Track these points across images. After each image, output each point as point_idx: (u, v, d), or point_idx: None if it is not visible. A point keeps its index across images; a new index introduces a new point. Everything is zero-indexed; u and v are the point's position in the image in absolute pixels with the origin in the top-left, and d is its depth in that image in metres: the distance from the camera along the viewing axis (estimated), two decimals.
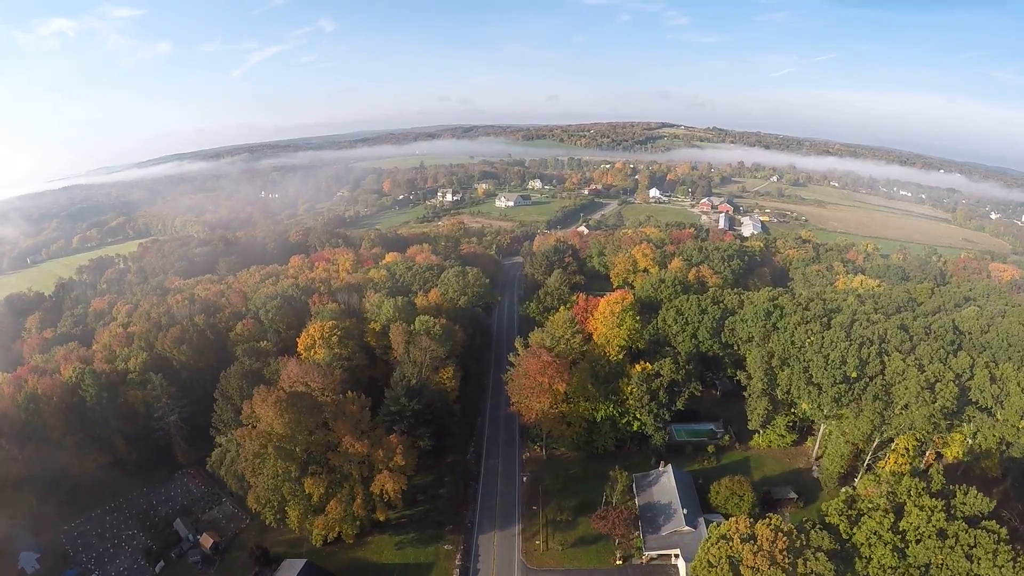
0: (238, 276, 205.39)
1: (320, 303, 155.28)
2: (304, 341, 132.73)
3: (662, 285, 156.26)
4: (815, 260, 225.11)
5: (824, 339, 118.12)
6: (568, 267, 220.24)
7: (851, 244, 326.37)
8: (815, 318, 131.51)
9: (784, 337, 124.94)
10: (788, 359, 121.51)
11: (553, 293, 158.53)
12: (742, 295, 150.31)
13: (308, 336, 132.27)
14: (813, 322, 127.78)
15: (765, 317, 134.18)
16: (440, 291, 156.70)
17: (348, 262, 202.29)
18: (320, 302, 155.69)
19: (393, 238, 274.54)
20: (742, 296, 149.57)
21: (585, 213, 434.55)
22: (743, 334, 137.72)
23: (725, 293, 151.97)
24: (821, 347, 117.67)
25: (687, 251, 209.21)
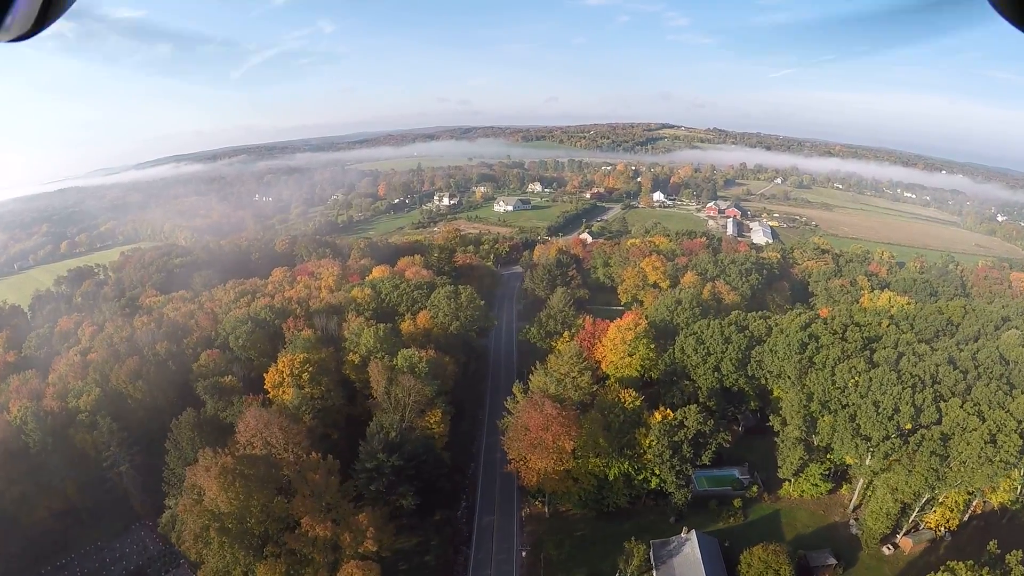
0: (213, 293, 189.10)
1: (295, 329, 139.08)
2: (271, 378, 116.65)
3: (679, 308, 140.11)
4: (837, 273, 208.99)
5: (872, 381, 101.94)
6: (572, 281, 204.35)
7: (866, 252, 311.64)
8: (856, 352, 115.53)
9: (824, 376, 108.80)
10: (829, 402, 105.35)
11: (556, 316, 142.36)
12: (769, 319, 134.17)
13: (276, 372, 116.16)
14: (855, 357, 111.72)
15: (800, 349, 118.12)
16: (430, 314, 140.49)
17: (332, 277, 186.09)
18: (295, 327, 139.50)
19: (384, 247, 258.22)
20: (769, 321, 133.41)
21: (587, 218, 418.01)
22: (773, 367, 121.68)
23: (750, 318, 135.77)
24: (868, 390, 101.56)
25: (701, 264, 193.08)
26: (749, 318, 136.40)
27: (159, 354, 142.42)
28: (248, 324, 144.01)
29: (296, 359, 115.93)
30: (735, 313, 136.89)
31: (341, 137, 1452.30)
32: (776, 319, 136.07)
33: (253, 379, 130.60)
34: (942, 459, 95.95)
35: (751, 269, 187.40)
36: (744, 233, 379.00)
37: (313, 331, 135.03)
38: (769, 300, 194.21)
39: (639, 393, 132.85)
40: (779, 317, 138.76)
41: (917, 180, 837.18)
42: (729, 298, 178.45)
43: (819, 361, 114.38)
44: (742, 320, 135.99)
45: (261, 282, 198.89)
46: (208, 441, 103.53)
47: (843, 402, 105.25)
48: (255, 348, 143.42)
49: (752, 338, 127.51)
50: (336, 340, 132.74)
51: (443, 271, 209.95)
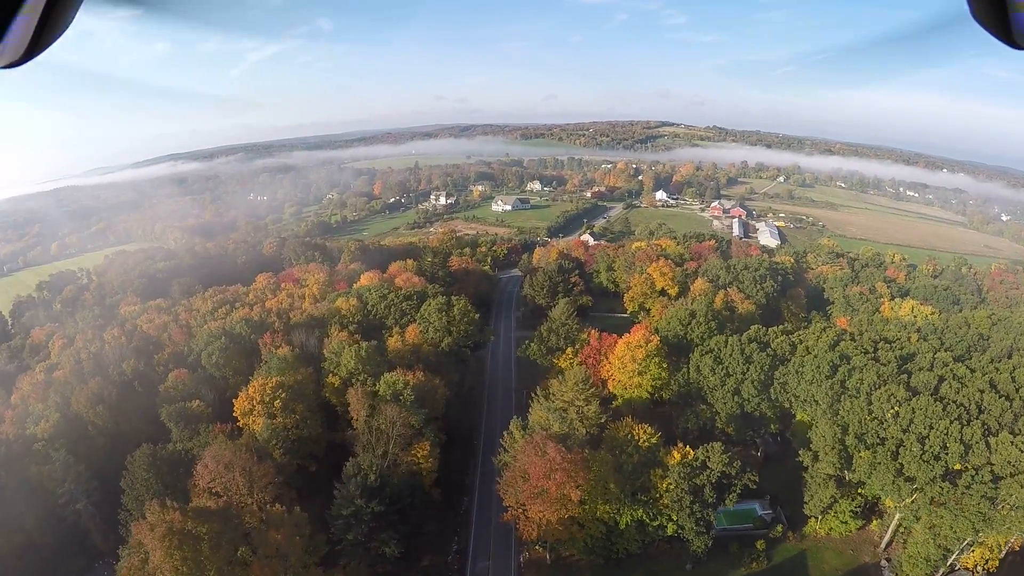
0: (191, 302, 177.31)
1: (272, 345, 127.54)
2: (241, 404, 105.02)
3: (693, 321, 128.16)
4: (854, 280, 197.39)
5: (914, 412, 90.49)
6: (574, 287, 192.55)
7: (877, 254, 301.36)
8: (892, 376, 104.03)
9: (859, 405, 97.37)
10: (865, 434, 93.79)
11: (558, 330, 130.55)
12: (793, 336, 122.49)
13: (246, 398, 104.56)
14: (892, 382, 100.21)
15: (830, 372, 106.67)
16: (419, 328, 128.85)
17: (317, 284, 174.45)
18: (272, 344, 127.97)
19: (375, 250, 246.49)
20: (793, 338, 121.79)
21: (588, 218, 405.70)
22: (799, 391, 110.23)
23: (771, 334, 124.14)
24: (911, 422, 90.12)
25: (712, 270, 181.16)
26: (770, 334, 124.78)
27: (125, 374, 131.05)
28: (222, 339, 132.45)
29: (268, 384, 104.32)
30: (755, 328, 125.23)
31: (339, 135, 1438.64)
32: (800, 335, 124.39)
33: (227, 400, 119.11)
34: (992, 502, 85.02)
35: (765, 275, 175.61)
36: (750, 234, 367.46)
37: (291, 348, 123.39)
38: (784, 308, 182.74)
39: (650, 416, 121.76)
40: (802, 332, 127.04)
41: (919, 179, 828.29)
42: (743, 307, 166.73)
43: (852, 387, 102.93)
44: (762, 336, 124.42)
45: (244, 289, 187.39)
46: (166, 482, 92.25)
47: (881, 435, 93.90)
48: (229, 366, 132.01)
49: (775, 357, 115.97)
50: (316, 358, 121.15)
51: (437, 277, 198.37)
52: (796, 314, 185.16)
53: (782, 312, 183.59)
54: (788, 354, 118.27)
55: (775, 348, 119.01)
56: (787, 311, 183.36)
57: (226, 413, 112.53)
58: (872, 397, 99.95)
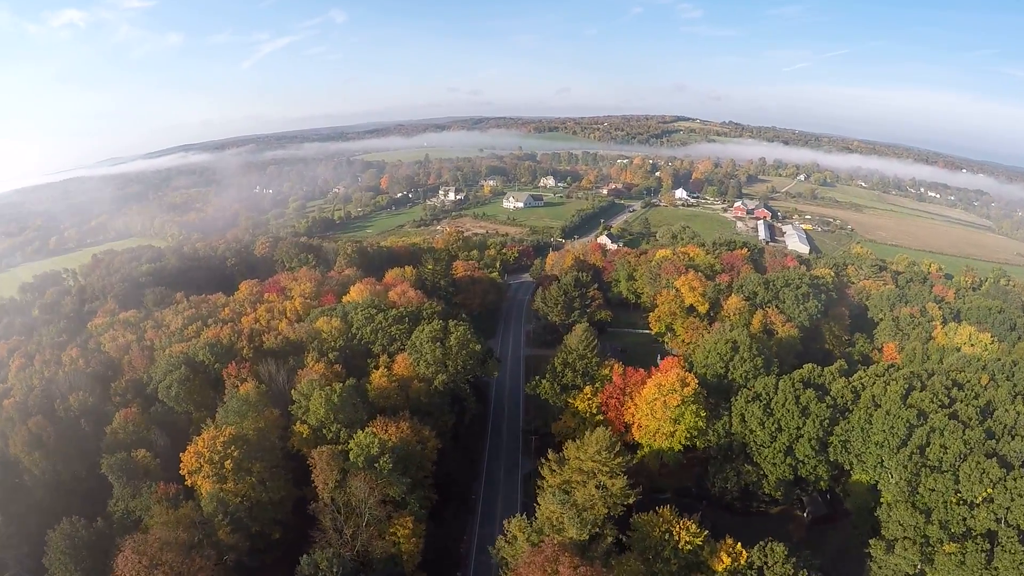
0: (163, 315, 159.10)
1: (237, 378, 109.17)
2: (189, 461, 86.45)
3: (736, 357, 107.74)
4: (901, 299, 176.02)
5: (1012, 497, 70.57)
6: (592, 302, 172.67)
7: (913, 263, 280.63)
8: (979, 443, 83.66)
9: (944, 484, 77.46)
10: (950, 522, 73.97)
11: (575, 363, 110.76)
12: (854, 381, 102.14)
13: (195, 454, 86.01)
14: (979, 451, 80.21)
15: (905, 434, 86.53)
16: (410, 359, 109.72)
17: (300, 299, 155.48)
18: (238, 376, 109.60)
19: (375, 253, 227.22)
20: (854, 382, 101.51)
21: (605, 218, 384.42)
22: (864, 451, 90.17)
23: (828, 374, 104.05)
24: (1007, 510, 70.27)
25: (748, 285, 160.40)
26: (827, 375, 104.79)
27: (72, 409, 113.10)
28: (182, 369, 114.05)
29: (220, 437, 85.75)
30: (808, 368, 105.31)
31: (351, 127, 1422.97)
32: (862, 377, 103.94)
33: (175, 455, 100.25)
34: None
35: (808, 294, 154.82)
36: (777, 237, 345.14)
37: (257, 383, 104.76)
38: (826, 330, 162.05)
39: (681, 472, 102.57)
40: (865, 374, 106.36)
41: (939, 179, 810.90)
42: (783, 330, 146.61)
43: (933, 457, 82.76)
44: (817, 376, 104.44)
45: (223, 300, 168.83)
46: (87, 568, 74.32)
47: (971, 524, 74.13)
48: (190, 400, 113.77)
49: (835, 408, 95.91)
50: (286, 396, 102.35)
51: (438, 287, 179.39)
52: (839, 336, 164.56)
53: (823, 334, 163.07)
54: (850, 403, 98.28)
55: (835, 395, 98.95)
56: (829, 333, 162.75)
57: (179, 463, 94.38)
58: (959, 473, 79.91)
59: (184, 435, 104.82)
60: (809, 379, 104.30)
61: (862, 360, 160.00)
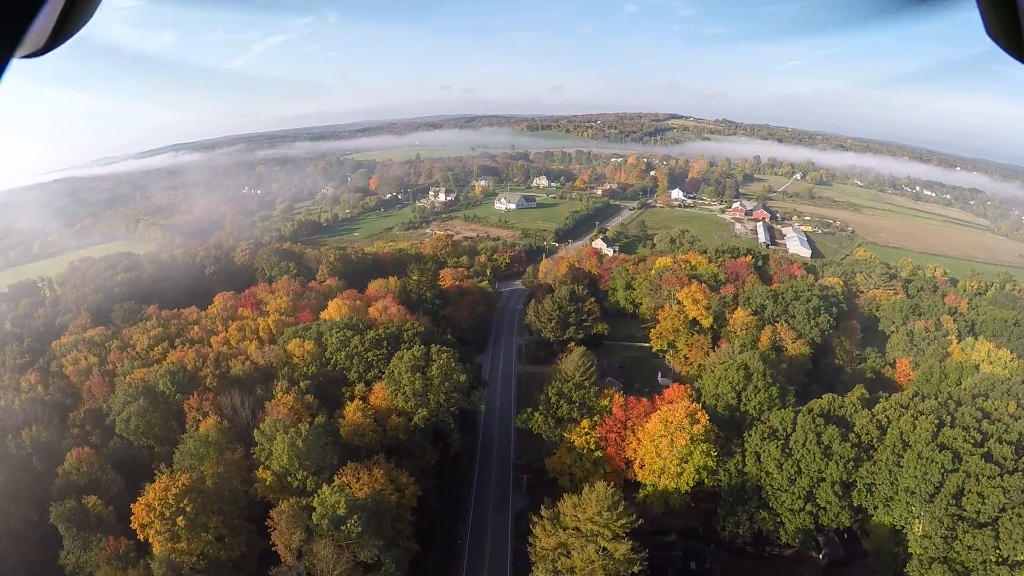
0: (131, 332, 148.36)
1: (199, 411, 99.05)
2: (140, 514, 76.44)
3: (749, 386, 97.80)
4: (914, 310, 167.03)
5: None
6: (589, 316, 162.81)
7: (918, 267, 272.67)
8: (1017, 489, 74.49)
9: (983, 541, 68.39)
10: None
11: (570, 393, 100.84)
12: (876, 416, 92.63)
13: (145, 506, 75.92)
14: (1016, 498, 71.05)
15: (940, 478, 77.13)
16: (388, 390, 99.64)
17: (278, 310, 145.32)
18: (199, 408, 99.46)
19: (359, 260, 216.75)
20: (878, 417, 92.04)
21: (600, 220, 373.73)
22: (895, 501, 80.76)
23: (849, 405, 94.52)
24: None
25: (755, 298, 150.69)
26: (848, 404, 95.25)
27: (24, 445, 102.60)
28: (141, 400, 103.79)
29: (173, 487, 75.57)
30: (828, 399, 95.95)
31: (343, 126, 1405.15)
32: (885, 407, 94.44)
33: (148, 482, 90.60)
34: None
35: (819, 308, 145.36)
36: (777, 240, 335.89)
37: (219, 418, 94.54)
38: (837, 345, 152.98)
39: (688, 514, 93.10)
40: (886, 401, 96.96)
41: (934, 177, 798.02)
42: (793, 348, 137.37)
43: (970, 508, 73.36)
44: (837, 407, 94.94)
45: (195, 316, 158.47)
46: None
47: None
48: (151, 434, 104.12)
49: (859, 447, 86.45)
50: (250, 433, 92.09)
51: (424, 299, 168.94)
52: (850, 352, 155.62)
53: (833, 349, 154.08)
54: (875, 440, 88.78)
55: (859, 431, 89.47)
56: (840, 348, 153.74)
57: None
58: (999, 527, 70.67)
59: (146, 471, 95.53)
60: (829, 411, 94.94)
61: (875, 376, 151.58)
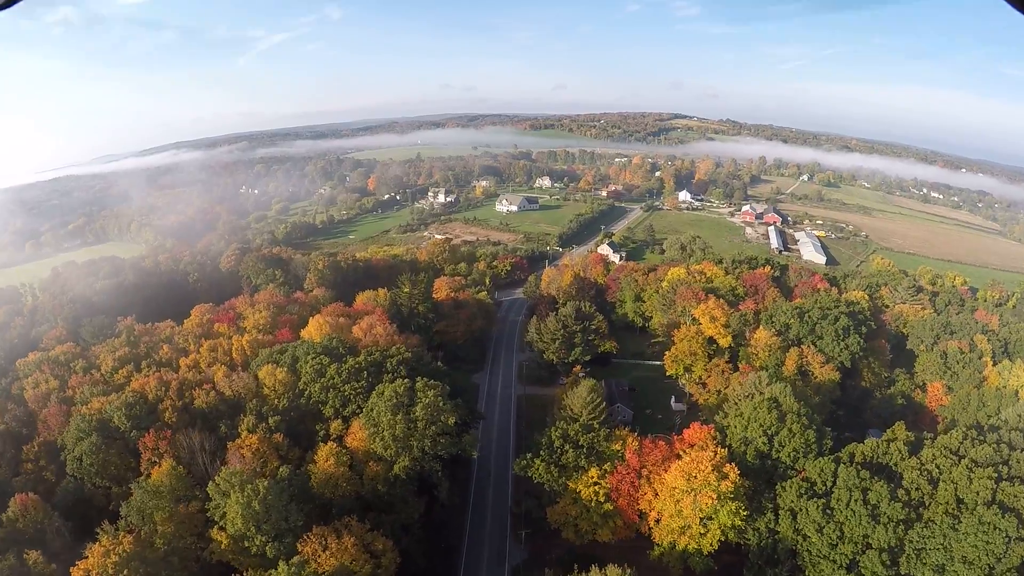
0: (98, 351, 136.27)
1: (154, 452, 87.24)
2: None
3: (782, 429, 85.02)
4: (946, 329, 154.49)
5: None
6: (598, 331, 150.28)
7: (938, 276, 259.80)
8: None
9: None
10: None
11: (577, 437, 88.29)
12: (925, 466, 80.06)
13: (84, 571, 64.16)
14: None
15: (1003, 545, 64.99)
16: (367, 431, 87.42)
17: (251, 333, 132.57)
18: (155, 449, 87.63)
19: (349, 268, 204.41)
20: (927, 467, 79.55)
21: (606, 224, 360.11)
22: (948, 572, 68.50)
23: (894, 452, 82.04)
24: None
25: (779, 316, 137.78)
26: (892, 451, 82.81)
27: None
28: (93, 437, 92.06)
29: (113, 554, 63.76)
30: (871, 443, 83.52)
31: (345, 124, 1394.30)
32: (935, 455, 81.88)
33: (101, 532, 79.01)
34: None
35: (848, 328, 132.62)
36: (790, 246, 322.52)
37: (175, 463, 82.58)
38: (865, 367, 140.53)
39: None
40: (932, 447, 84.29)
41: (940, 179, 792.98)
42: (821, 373, 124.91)
43: None
44: (881, 454, 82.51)
45: (170, 329, 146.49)
46: None
47: None
48: (105, 473, 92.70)
49: (908, 503, 74.16)
50: (208, 480, 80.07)
51: (416, 314, 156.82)
52: (879, 374, 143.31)
53: (861, 371, 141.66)
54: (926, 495, 76.44)
55: (907, 485, 77.14)
56: (868, 370, 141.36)
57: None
58: None
59: (103, 514, 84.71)
60: (872, 458, 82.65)
61: (906, 403, 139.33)
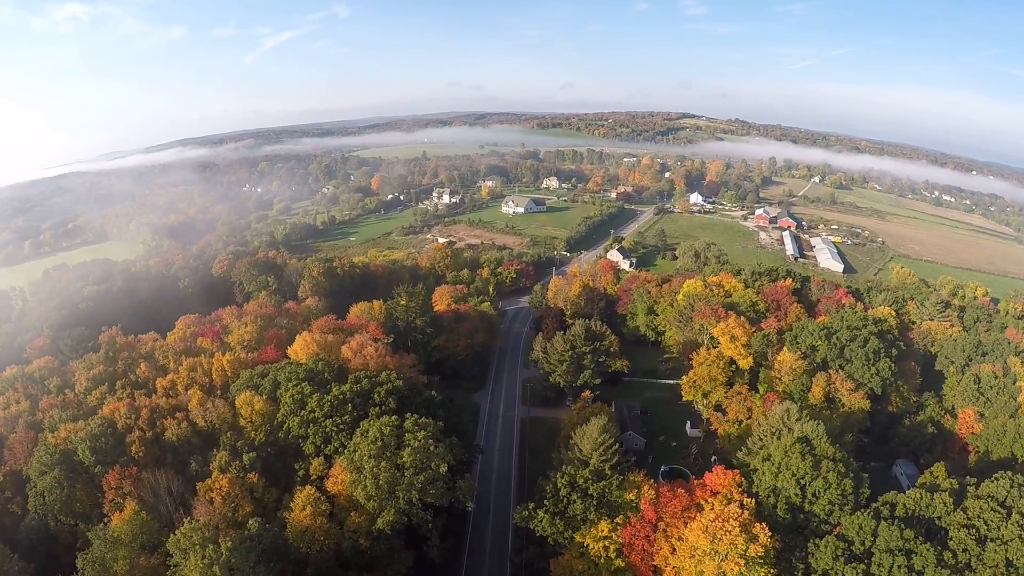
0: (75, 365, 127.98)
1: (117, 491, 79.00)
2: None
3: (817, 479, 75.15)
4: (977, 350, 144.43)
5: None
6: (609, 348, 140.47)
7: (957, 287, 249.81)
8: None
9: None
10: None
11: (586, 486, 78.82)
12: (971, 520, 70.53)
13: None
14: None
15: None
16: (350, 476, 78.38)
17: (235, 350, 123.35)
18: (118, 488, 79.37)
19: (346, 274, 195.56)
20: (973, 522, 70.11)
21: (615, 228, 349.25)
22: None
23: (938, 503, 72.62)
24: None
25: (804, 337, 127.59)
26: (936, 504, 73.43)
27: None
28: (56, 471, 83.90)
29: None
30: (915, 495, 73.85)
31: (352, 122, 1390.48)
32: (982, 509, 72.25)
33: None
34: None
35: (879, 350, 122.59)
36: (806, 252, 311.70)
37: (137, 508, 74.14)
38: (893, 391, 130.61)
39: None
40: (974, 495, 74.52)
41: (951, 181, 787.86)
42: (850, 401, 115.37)
43: None
44: (924, 506, 73.11)
45: (151, 343, 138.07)
46: None
47: None
48: (70, 510, 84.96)
49: (955, 567, 64.86)
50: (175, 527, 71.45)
51: (413, 329, 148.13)
52: (907, 399, 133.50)
53: (888, 395, 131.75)
54: (973, 558, 67.12)
55: (954, 545, 67.86)
56: (896, 395, 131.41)
57: None
58: None
59: (69, 553, 77.16)
60: (914, 512, 73.31)
61: (935, 429, 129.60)
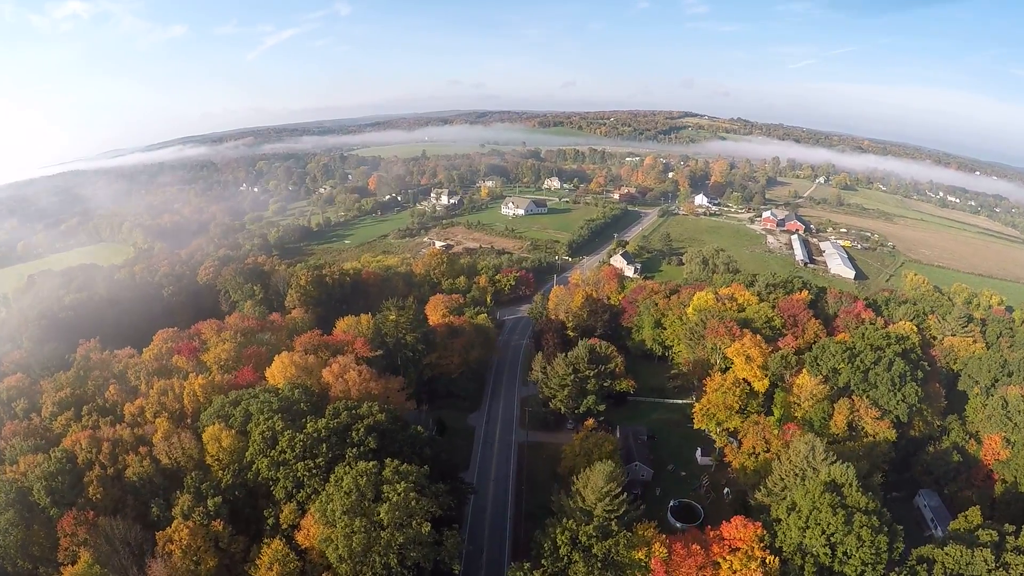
0: (46, 386, 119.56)
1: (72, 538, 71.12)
2: None
3: (849, 535, 66.73)
4: (1004, 369, 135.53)
5: None
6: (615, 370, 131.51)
7: (972, 295, 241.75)
8: None
9: None
10: None
11: (590, 543, 69.78)
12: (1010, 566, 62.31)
13: None
14: None
15: None
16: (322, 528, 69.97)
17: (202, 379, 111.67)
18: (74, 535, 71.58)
19: (336, 284, 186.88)
20: None
21: (619, 231, 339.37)
22: None
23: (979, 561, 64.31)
24: None
25: (825, 359, 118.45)
26: (977, 561, 64.99)
27: None
28: (9, 513, 75.93)
29: None
30: (956, 554, 65.65)
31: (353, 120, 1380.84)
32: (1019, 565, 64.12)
33: None
34: None
35: (905, 373, 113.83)
36: (815, 257, 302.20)
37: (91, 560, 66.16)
38: (917, 418, 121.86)
39: None
40: (1016, 555, 66.50)
41: (955, 181, 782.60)
42: (874, 430, 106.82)
43: None
44: (964, 565, 64.78)
45: (126, 359, 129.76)
46: None
47: None
48: (26, 553, 77.71)
49: None
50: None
51: (403, 345, 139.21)
52: (931, 423, 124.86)
53: (911, 419, 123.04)
54: None
55: None
56: (920, 419, 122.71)
57: None
58: None
59: None
60: (953, 571, 65.00)
61: (960, 455, 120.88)
